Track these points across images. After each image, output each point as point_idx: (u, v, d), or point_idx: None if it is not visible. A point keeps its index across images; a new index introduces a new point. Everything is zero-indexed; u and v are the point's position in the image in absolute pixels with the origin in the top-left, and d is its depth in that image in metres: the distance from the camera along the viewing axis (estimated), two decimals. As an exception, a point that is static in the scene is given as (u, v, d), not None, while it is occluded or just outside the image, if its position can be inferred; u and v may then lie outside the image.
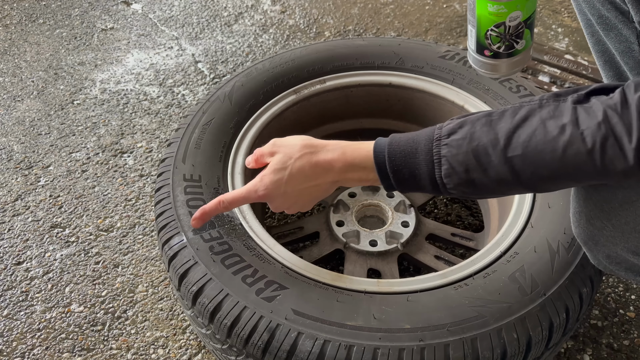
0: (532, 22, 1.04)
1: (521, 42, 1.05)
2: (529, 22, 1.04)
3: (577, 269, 1.04)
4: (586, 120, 0.77)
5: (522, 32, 1.04)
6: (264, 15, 2.71)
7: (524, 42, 1.06)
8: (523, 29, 1.04)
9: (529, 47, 1.07)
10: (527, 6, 1.01)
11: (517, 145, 0.80)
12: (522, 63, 1.09)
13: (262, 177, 1.04)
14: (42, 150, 2.00)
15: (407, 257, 1.46)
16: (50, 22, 2.69)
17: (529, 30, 1.05)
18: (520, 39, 1.05)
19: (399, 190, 0.93)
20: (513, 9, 1.02)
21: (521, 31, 1.04)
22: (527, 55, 1.09)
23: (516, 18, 1.02)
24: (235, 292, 1.02)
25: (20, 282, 1.59)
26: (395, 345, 0.93)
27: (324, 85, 1.51)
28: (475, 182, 0.84)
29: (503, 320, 0.96)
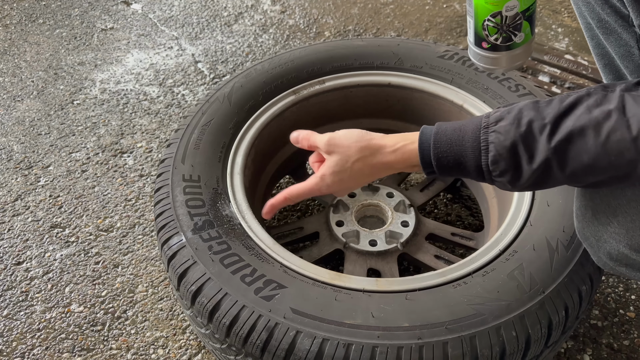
0: (531, 14, 1.03)
1: (520, 34, 1.04)
2: (528, 14, 1.02)
3: (576, 267, 1.04)
4: (633, 108, 0.76)
5: (520, 24, 1.03)
6: (264, 15, 2.71)
7: (523, 35, 1.04)
8: (521, 21, 1.03)
9: (528, 41, 1.05)
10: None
11: (562, 131, 0.79)
12: (521, 58, 1.08)
13: (322, 176, 1.05)
14: (42, 150, 2.00)
15: (407, 257, 1.46)
16: (50, 22, 2.69)
17: (527, 23, 1.03)
18: (518, 31, 1.04)
19: (440, 175, 0.94)
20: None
21: (519, 22, 1.03)
22: (527, 50, 1.07)
23: (513, 8, 1.01)
24: (234, 292, 1.02)
25: (20, 282, 1.59)
26: (394, 344, 0.93)
27: (323, 85, 1.52)
28: (521, 168, 0.83)
29: (502, 319, 0.96)
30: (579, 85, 2.18)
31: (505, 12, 1.01)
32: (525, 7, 1.01)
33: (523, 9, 1.01)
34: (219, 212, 1.19)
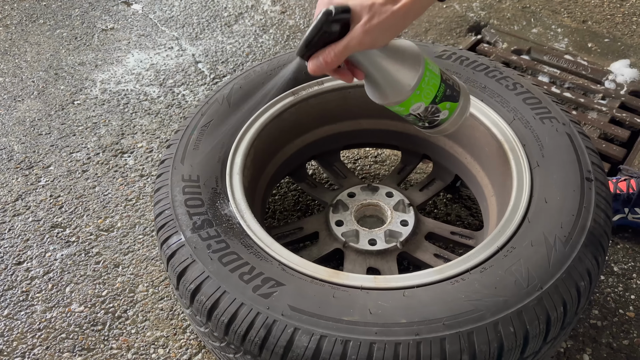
0: (442, 96, 1.04)
1: (442, 113, 1.07)
2: (439, 99, 1.04)
3: (574, 263, 1.04)
4: None
5: (437, 109, 1.06)
6: (264, 15, 2.71)
7: (447, 112, 1.08)
8: (435, 107, 1.05)
9: (455, 110, 1.09)
10: (425, 93, 1.02)
11: None
12: (458, 119, 1.11)
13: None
14: (42, 151, 2.00)
15: (406, 256, 1.46)
16: (51, 23, 2.70)
17: (445, 103, 1.06)
18: (438, 113, 1.07)
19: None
20: (408, 105, 1.04)
21: (433, 110, 1.06)
22: (461, 111, 1.10)
23: (418, 107, 1.04)
24: (232, 290, 1.03)
25: (21, 282, 1.60)
26: (392, 340, 0.93)
27: (322, 86, 1.52)
28: None
29: (500, 315, 0.96)
30: (579, 86, 2.18)
31: (415, 112, 1.05)
32: (430, 100, 1.04)
33: (429, 102, 1.04)
34: (217, 211, 1.19)
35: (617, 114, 2.06)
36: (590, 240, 1.08)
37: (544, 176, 1.21)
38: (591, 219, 1.11)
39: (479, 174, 1.49)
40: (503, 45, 2.42)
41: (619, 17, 2.65)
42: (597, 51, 2.45)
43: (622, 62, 2.33)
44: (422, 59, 1.01)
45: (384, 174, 1.91)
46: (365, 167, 1.93)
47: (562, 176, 1.20)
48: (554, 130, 1.29)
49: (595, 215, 1.12)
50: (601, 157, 1.88)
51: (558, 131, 1.29)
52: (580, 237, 1.08)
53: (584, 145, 1.26)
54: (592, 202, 1.14)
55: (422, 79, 1.00)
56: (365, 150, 1.99)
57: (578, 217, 1.11)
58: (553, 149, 1.26)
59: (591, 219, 1.11)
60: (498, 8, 2.72)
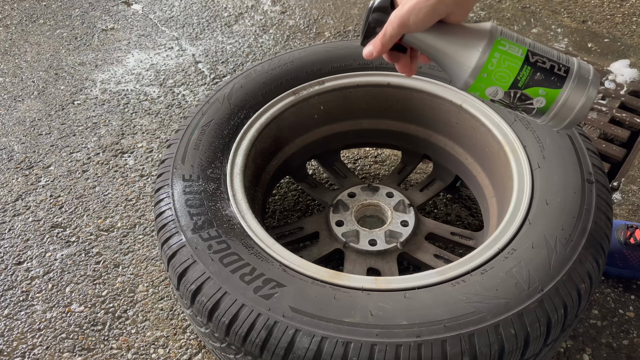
0: (527, 81, 0.92)
1: (536, 100, 0.93)
2: (522, 84, 0.92)
3: (575, 265, 1.04)
4: None
5: (524, 95, 0.93)
6: (264, 15, 2.71)
7: (542, 100, 0.93)
8: (520, 93, 0.93)
9: (558, 97, 0.92)
10: (497, 77, 0.92)
11: None
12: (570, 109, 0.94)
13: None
14: (42, 151, 2.00)
15: (406, 257, 1.46)
16: (51, 23, 2.70)
17: (537, 88, 0.92)
18: (529, 100, 0.94)
19: None
20: (480, 89, 0.95)
21: (519, 96, 0.94)
22: (572, 100, 0.93)
23: (495, 92, 0.94)
24: (233, 290, 1.03)
25: (21, 282, 1.60)
26: (393, 342, 0.93)
27: (322, 86, 1.52)
28: None
29: (500, 317, 0.96)
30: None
31: (494, 98, 0.95)
32: (508, 85, 0.93)
33: (507, 87, 0.93)
34: (218, 211, 1.19)
35: (617, 114, 2.06)
36: (591, 242, 1.08)
37: (545, 178, 1.21)
38: (592, 221, 1.11)
39: (480, 175, 1.49)
40: (503, 46, 2.42)
41: (619, 17, 2.65)
42: (597, 51, 2.45)
43: (622, 62, 2.33)
44: (488, 37, 0.91)
45: (384, 174, 1.91)
46: (366, 167, 1.93)
47: (563, 178, 1.20)
48: (554, 131, 1.29)
49: (596, 217, 1.12)
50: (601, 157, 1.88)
51: (559, 133, 1.29)
52: (581, 239, 1.08)
53: (585, 146, 1.26)
54: (592, 204, 1.14)
55: (488, 60, 0.91)
56: (365, 150, 1.99)
57: (579, 219, 1.11)
58: (554, 150, 1.26)
59: (592, 221, 1.11)
60: (498, 8, 2.72)
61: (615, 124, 2.03)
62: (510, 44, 0.92)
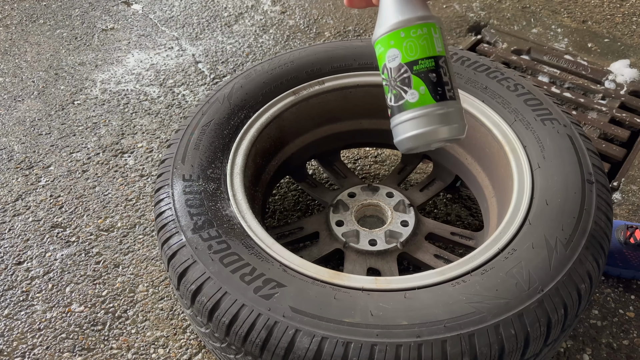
0: (422, 70, 0.90)
1: (411, 92, 0.91)
2: (417, 68, 0.90)
3: (575, 265, 1.04)
4: None
5: (408, 79, 0.91)
6: (264, 15, 2.71)
7: (416, 95, 0.91)
8: (407, 74, 0.91)
9: (426, 105, 0.91)
10: (408, 45, 0.90)
11: None
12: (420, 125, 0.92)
13: None
14: (42, 151, 2.00)
15: (406, 256, 1.46)
16: (51, 23, 2.70)
17: (422, 83, 0.91)
18: (407, 87, 0.92)
19: None
20: (387, 44, 0.93)
21: (404, 75, 0.91)
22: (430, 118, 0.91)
23: (394, 57, 0.92)
24: (233, 291, 1.03)
25: (21, 282, 1.60)
26: (393, 342, 0.93)
27: (322, 86, 1.52)
28: None
29: (501, 317, 0.96)
30: (579, 86, 2.18)
31: (389, 64, 0.93)
32: (408, 59, 0.91)
33: (406, 60, 0.91)
34: (218, 211, 1.19)
35: (617, 114, 2.06)
36: (591, 242, 1.08)
37: (545, 178, 1.21)
38: (592, 222, 1.11)
39: (480, 175, 1.49)
40: (503, 46, 2.42)
41: (619, 17, 2.65)
42: (597, 51, 2.45)
43: (622, 62, 2.33)
44: (432, 15, 0.92)
45: (384, 174, 1.91)
46: (366, 167, 1.93)
47: (563, 178, 1.20)
48: (555, 131, 1.29)
49: (596, 218, 1.12)
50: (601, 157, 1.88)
51: (559, 133, 1.29)
52: (581, 240, 1.08)
53: (585, 147, 1.26)
54: (593, 204, 1.14)
55: (418, 26, 0.90)
56: (365, 150, 1.99)
57: (579, 219, 1.11)
58: (554, 150, 1.26)
59: (592, 221, 1.11)
60: (498, 8, 2.72)
61: (615, 124, 2.03)
62: (440, 38, 0.93)
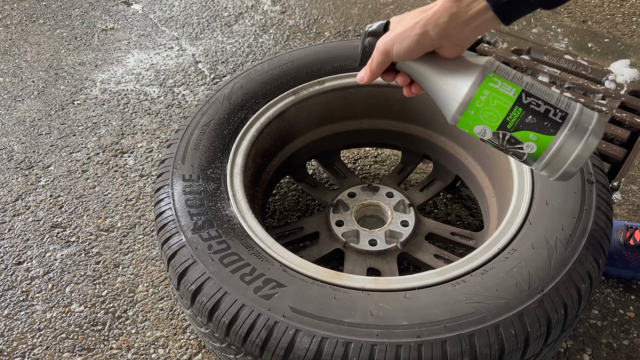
0: (517, 123, 0.87)
1: (527, 145, 0.87)
2: (511, 126, 0.87)
3: (575, 265, 1.04)
4: None
5: (513, 138, 0.88)
6: (264, 15, 2.71)
7: (533, 145, 0.87)
8: (509, 135, 0.88)
9: (550, 145, 0.86)
10: (485, 115, 0.87)
11: None
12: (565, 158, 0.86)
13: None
14: (42, 150, 2.00)
15: (406, 257, 1.46)
16: (51, 23, 2.70)
17: (527, 132, 0.86)
18: (519, 144, 0.88)
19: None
20: (468, 127, 0.90)
21: (508, 138, 0.88)
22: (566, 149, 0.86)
23: (483, 132, 0.89)
24: (233, 291, 1.02)
25: (21, 282, 1.60)
26: (393, 342, 0.93)
27: (323, 86, 1.52)
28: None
29: (501, 317, 0.96)
30: (579, 86, 2.18)
31: (482, 137, 0.90)
32: (497, 125, 0.88)
33: (496, 127, 0.88)
34: (218, 211, 1.19)
35: (617, 114, 2.05)
36: (591, 242, 1.08)
37: (545, 178, 1.21)
38: (592, 221, 1.11)
39: (480, 175, 1.49)
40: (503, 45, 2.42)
41: (619, 17, 2.65)
42: (597, 51, 2.45)
43: (622, 62, 2.33)
44: (478, 72, 0.87)
45: (384, 174, 1.91)
46: (366, 167, 1.93)
47: (563, 178, 1.19)
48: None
49: (597, 218, 1.12)
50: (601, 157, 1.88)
51: None
52: (581, 240, 1.08)
53: (585, 146, 1.26)
54: (593, 204, 1.14)
55: (476, 97, 0.87)
56: (365, 150, 1.99)
57: (579, 219, 1.11)
58: (554, 150, 1.25)
59: (592, 221, 1.11)
60: (498, 8, 2.72)
61: (615, 124, 2.03)
62: (503, 81, 0.87)
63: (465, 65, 0.89)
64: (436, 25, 0.86)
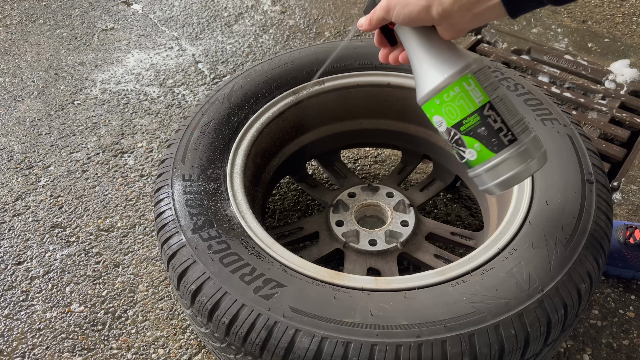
0: (470, 129, 0.90)
1: (468, 151, 0.92)
2: (464, 129, 0.91)
3: (575, 265, 1.04)
4: None
5: (460, 140, 0.92)
6: (264, 15, 2.71)
7: (473, 153, 0.92)
8: (458, 136, 0.92)
9: (487, 160, 0.91)
10: (447, 109, 0.90)
11: None
12: (493, 176, 0.93)
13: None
14: (42, 151, 2.00)
15: (406, 257, 1.46)
16: (51, 23, 2.70)
17: (474, 141, 0.91)
18: (462, 148, 0.93)
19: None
20: (429, 111, 0.93)
21: (456, 138, 0.92)
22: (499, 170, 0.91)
23: (440, 123, 0.92)
24: (233, 291, 1.02)
25: (21, 282, 1.60)
26: (393, 342, 0.93)
27: (322, 86, 1.52)
28: None
29: (500, 317, 0.96)
30: (579, 86, 2.18)
31: (439, 128, 0.94)
32: (453, 122, 0.91)
33: (451, 124, 0.91)
34: (218, 211, 1.19)
35: (617, 114, 2.05)
36: (591, 242, 1.08)
37: (545, 178, 1.21)
38: (592, 221, 1.11)
39: (480, 175, 1.48)
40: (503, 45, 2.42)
41: (619, 17, 2.65)
42: (597, 51, 2.45)
43: (622, 62, 2.33)
44: (458, 68, 0.89)
45: (384, 174, 1.91)
46: (365, 167, 1.93)
47: (563, 178, 1.19)
48: (555, 131, 1.29)
49: (596, 218, 1.12)
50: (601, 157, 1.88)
51: (559, 133, 1.29)
52: (581, 239, 1.08)
53: (585, 147, 1.26)
54: (593, 204, 1.14)
55: (446, 90, 0.90)
56: (365, 150, 1.99)
57: (579, 219, 1.11)
58: (554, 150, 1.25)
59: (592, 221, 1.11)
60: (498, 8, 2.72)
61: (615, 124, 2.03)
62: (476, 86, 0.89)
63: (452, 54, 0.91)
64: (440, 4, 0.86)
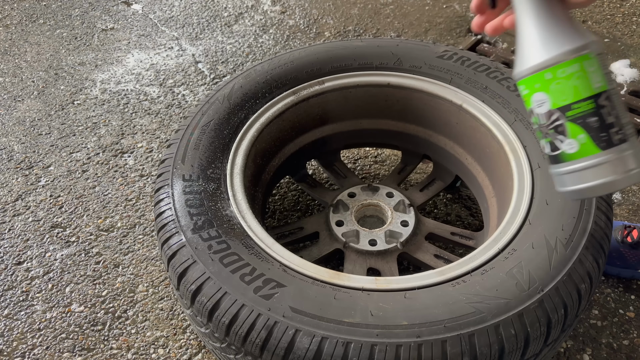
0: (579, 115, 0.77)
1: (567, 142, 0.79)
2: (571, 114, 0.77)
3: (575, 265, 1.04)
4: None
5: (561, 127, 0.78)
6: (264, 15, 2.71)
7: (574, 144, 0.78)
8: (560, 121, 0.78)
9: (588, 157, 0.78)
10: (558, 88, 0.77)
11: None
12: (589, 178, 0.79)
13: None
14: (42, 151, 2.00)
15: (406, 257, 1.46)
16: (51, 23, 2.70)
17: (580, 130, 0.77)
18: (562, 136, 0.79)
19: None
20: (531, 87, 0.80)
21: (557, 123, 0.78)
22: (599, 170, 0.78)
23: (541, 103, 0.79)
24: (233, 291, 1.02)
25: (21, 282, 1.60)
26: (393, 342, 0.93)
27: (322, 86, 1.52)
28: None
29: (501, 317, 0.96)
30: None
31: (535, 110, 0.81)
32: (559, 104, 0.78)
33: (557, 105, 0.78)
34: (218, 211, 1.19)
35: (617, 114, 2.05)
36: (591, 242, 1.08)
37: (545, 178, 1.21)
38: (592, 222, 1.11)
39: (480, 175, 1.49)
40: (503, 45, 2.42)
41: (619, 17, 2.65)
42: (597, 51, 2.44)
43: (622, 62, 2.33)
44: (583, 43, 0.77)
45: (384, 174, 1.91)
46: (365, 167, 1.93)
47: (563, 178, 1.19)
48: (554, 131, 1.29)
49: (596, 218, 1.12)
50: (601, 157, 1.88)
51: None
52: (581, 240, 1.08)
53: (585, 146, 1.26)
54: (593, 204, 1.14)
55: (565, 64, 0.77)
56: (365, 150, 1.99)
57: (579, 219, 1.11)
58: (554, 150, 1.25)
59: (592, 221, 1.11)
60: (498, 8, 2.72)
61: (615, 124, 2.03)
62: (598, 70, 0.77)
63: (575, 26, 0.78)
64: None
